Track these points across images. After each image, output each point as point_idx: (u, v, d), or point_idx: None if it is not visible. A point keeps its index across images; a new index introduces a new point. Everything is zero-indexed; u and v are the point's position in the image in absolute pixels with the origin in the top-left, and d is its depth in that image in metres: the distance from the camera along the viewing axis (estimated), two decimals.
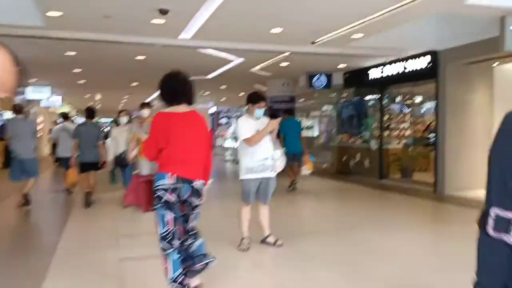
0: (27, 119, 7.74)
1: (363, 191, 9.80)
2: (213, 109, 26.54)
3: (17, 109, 7.14)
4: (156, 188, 2.93)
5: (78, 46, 8.59)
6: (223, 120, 25.41)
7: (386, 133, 11.12)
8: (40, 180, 8.54)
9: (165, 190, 2.90)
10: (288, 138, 8.65)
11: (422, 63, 9.25)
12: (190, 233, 3.06)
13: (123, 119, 7.63)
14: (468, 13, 6.41)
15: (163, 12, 5.88)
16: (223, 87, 16.12)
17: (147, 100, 9.66)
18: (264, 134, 4.61)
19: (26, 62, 10.79)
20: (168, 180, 2.89)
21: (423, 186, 9.60)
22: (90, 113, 7.64)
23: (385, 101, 11.22)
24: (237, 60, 10.18)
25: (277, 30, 7.30)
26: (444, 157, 8.90)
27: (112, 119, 20.15)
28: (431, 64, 9.03)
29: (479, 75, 8.94)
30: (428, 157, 10.31)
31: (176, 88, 3.02)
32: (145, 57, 9.85)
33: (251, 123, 4.67)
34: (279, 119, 4.78)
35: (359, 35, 7.55)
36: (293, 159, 8.46)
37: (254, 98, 4.71)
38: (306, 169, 8.50)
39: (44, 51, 9.34)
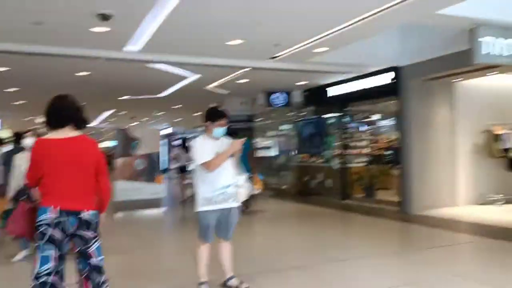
0: None
1: (327, 213, 9.28)
2: (167, 130, 25.57)
3: None
4: (38, 224, 2.68)
5: (9, 60, 7.59)
6: (178, 142, 24.61)
7: (347, 151, 10.76)
8: None
9: (48, 225, 2.67)
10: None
11: (385, 79, 8.98)
12: (102, 276, 2.80)
13: (28, 141, 5.63)
14: (436, 24, 6.13)
15: (105, 17, 5.11)
16: (178, 106, 15.33)
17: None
18: (226, 157, 3.93)
19: None
20: (50, 214, 2.68)
21: (388, 205, 9.23)
22: (18, 138, 6.70)
23: (346, 119, 10.89)
24: (192, 77, 9.50)
25: (235, 42, 6.71)
26: (410, 175, 8.58)
27: None
28: (394, 80, 8.77)
29: (441, 91, 8.77)
30: (389, 174, 10.03)
31: (60, 110, 2.84)
32: (89, 72, 8.95)
33: (210, 145, 3.98)
34: (243, 139, 4.12)
35: (323, 49, 7.12)
36: None
37: (213, 115, 4.03)
38: (255, 189, 8.40)
39: None
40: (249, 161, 8.29)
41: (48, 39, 6.19)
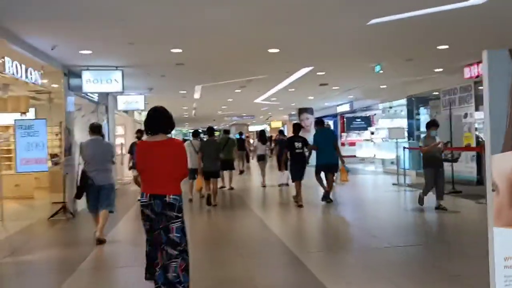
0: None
1: None
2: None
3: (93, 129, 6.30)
4: (140, 204, 3.75)
5: None
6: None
7: None
8: None
9: (143, 206, 3.71)
10: (322, 148, 8.77)
11: None
12: (174, 251, 3.60)
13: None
14: None
15: None
16: (443, 47, 8.11)
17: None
18: None
19: None
20: (144, 198, 3.69)
21: None
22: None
23: None
24: None
25: None
26: None
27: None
28: None
29: None
30: None
31: (154, 121, 3.78)
32: None
33: None
34: None
35: None
36: (328, 169, 8.72)
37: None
38: (341, 181, 8.94)
39: None
40: (336, 153, 8.68)
41: None
